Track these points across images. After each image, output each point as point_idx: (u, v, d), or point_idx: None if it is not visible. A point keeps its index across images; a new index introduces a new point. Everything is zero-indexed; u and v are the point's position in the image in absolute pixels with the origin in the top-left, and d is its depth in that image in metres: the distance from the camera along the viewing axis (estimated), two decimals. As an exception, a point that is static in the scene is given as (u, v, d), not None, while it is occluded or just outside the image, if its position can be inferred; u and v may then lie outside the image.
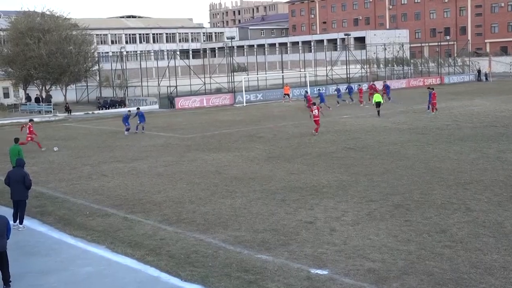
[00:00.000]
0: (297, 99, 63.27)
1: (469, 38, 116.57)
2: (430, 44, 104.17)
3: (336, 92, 57.20)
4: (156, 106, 61.43)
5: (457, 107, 46.42)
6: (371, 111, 45.68)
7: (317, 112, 34.88)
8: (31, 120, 35.56)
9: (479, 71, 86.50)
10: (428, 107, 43.98)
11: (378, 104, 42.62)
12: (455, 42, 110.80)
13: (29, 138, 33.31)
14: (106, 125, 46.59)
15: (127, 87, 71.08)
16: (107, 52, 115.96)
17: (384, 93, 54.18)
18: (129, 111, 42.25)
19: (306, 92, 58.19)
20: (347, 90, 58.75)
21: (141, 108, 45.94)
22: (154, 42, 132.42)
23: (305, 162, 25.60)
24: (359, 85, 62.08)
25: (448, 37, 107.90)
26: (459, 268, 12.43)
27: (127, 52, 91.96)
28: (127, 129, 38.96)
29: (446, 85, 78.89)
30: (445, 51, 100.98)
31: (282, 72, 75.33)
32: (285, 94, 62.60)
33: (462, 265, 12.56)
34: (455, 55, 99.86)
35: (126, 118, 39.25)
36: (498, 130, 32.74)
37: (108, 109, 63.36)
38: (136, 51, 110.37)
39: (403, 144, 29.28)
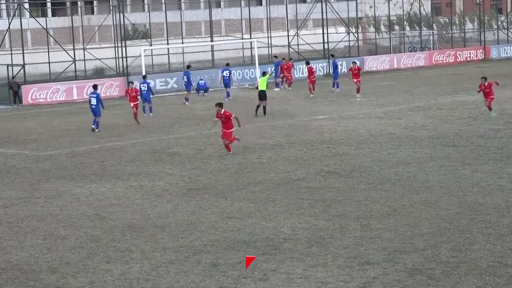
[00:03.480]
0: (237, 87, 63.44)
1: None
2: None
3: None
4: (-11, 101, 60.60)
5: (512, 100, 47.40)
6: (366, 106, 46.23)
7: None
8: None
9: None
10: None
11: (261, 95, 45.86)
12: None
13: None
14: None
15: None
16: None
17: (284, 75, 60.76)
18: None
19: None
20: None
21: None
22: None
23: (253, 198, 25.66)
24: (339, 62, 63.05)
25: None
26: None
27: None
28: None
29: (494, 62, 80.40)
30: (491, 4, 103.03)
31: (212, 41, 75.24)
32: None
33: None
34: (510, 10, 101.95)
35: None
36: None
37: None
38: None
39: (421, 164, 29.67)
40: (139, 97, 47.91)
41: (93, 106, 43.53)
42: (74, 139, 40.71)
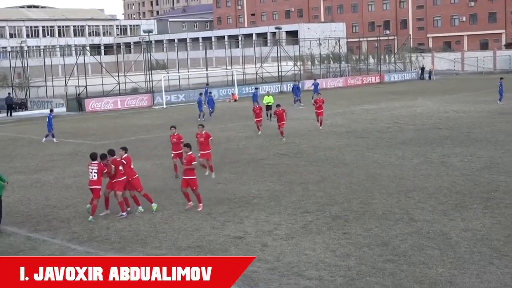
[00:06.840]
0: (223, 100, 63.36)
1: (411, 32, 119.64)
2: (368, 39, 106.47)
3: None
4: (63, 109, 60.26)
5: (398, 108, 47.58)
6: (305, 112, 46.32)
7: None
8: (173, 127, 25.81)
9: (422, 69, 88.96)
10: (500, 99, 47.09)
11: (267, 107, 43.61)
12: (395, 37, 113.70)
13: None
14: (4, 131, 45.36)
15: (29, 88, 69.44)
16: (5, 47, 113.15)
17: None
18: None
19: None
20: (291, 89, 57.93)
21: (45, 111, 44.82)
22: (60, 36, 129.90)
23: (233, 171, 25.66)
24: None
25: (387, 31, 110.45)
26: (402, 284, 12.74)
27: (28, 47, 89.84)
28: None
29: (387, 84, 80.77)
30: (385, 47, 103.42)
31: (207, 70, 75.28)
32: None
33: (406, 281, 12.89)
34: (396, 51, 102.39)
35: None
36: (441, 133, 33.75)
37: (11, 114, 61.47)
38: (39, 46, 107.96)
39: (340, 149, 29.76)
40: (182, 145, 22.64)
41: (198, 105, 46.29)
42: (118, 133, 40.53)
